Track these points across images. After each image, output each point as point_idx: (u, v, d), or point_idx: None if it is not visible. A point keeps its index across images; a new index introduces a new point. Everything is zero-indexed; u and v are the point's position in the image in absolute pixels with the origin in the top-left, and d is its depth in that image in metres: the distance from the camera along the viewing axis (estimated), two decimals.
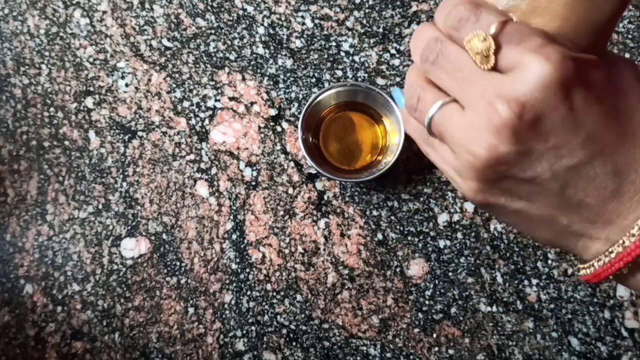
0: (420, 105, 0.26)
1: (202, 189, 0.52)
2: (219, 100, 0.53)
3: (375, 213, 0.51)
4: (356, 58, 0.52)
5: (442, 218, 0.50)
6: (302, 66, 0.53)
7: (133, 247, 0.52)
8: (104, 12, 0.55)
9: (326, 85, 0.52)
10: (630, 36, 0.51)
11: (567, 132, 0.22)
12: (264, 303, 0.50)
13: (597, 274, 0.24)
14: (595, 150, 0.22)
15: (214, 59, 0.53)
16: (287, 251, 0.51)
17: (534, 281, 0.49)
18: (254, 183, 0.52)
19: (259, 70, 0.53)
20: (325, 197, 0.51)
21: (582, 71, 0.22)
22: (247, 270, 0.51)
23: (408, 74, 0.27)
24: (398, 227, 0.50)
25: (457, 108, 0.24)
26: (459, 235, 0.50)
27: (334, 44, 0.53)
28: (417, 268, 0.50)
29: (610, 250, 0.23)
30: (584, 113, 0.22)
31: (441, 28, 0.25)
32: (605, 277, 0.24)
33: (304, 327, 0.50)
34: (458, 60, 0.24)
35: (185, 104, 0.53)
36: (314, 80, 0.52)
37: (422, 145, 0.29)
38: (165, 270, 0.51)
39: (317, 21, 0.53)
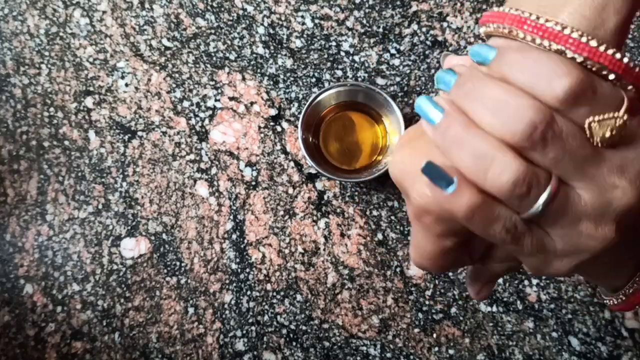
0: (533, 191, 0.21)
1: (202, 189, 0.52)
2: (219, 100, 0.53)
3: (375, 213, 0.51)
4: (356, 58, 0.52)
5: None
6: (302, 66, 0.53)
7: (133, 247, 0.52)
8: (104, 12, 0.55)
9: (326, 85, 0.52)
10: (630, 36, 0.51)
11: None
12: (264, 303, 0.50)
13: (631, 302, 0.26)
14: None
15: (214, 58, 0.53)
16: (287, 251, 0.51)
17: (534, 281, 0.49)
18: (254, 183, 0.52)
19: (259, 70, 0.53)
20: (325, 197, 0.51)
21: None
22: (247, 270, 0.51)
23: (497, 150, 0.20)
24: (398, 227, 0.50)
25: (571, 189, 0.21)
26: None
27: (334, 43, 0.53)
28: (417, 268, 0.50)
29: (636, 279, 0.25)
30: None
31: (547, 103, 0.20)
32: (637, 303, 0.25)
33: (304, 327, 0.50)
34: (578, 139, 0.20)
35: (185, 103, 0.53)
36: (314, 80, 0.52)
37: (511, 242, 0.22)
38: (165, 270, 0.51)
39: (317, 21, 0.53)
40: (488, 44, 0.22)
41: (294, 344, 0.50)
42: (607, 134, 0.20)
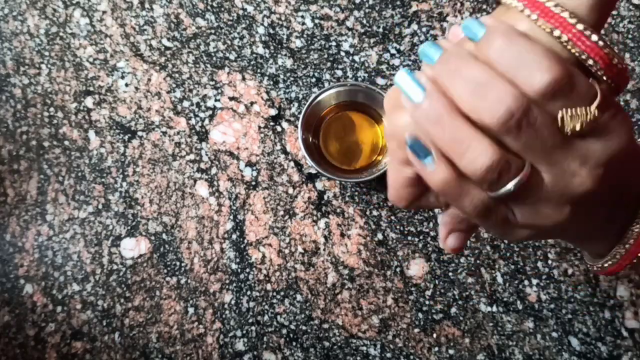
0: (504, 176, 0.22)
1: (202, 189, 0.52)
2: (219, 100, 0.53)
3: (375, 213, 0.51)
4: (356, 58, 0.52)
5: None
6: (302, 66, 0.53)
7: (133, 247, 0.52)
8: (104, 12, 0.55)
9: (326, 85, 0.52)
10: (630, 36, 0.51)
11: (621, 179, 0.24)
12: (264, 303, 0.50)
13: (620, 264, 0.27)
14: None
15: (214, 58, 0.53)
16: (287, 251, 0.51)
17: (534, 281, 0.49)
18: (254, 183, 0.52)
19: (259, 70, 0.53)
20: (325, 197, 0.51)
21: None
22: (247, 270, 0.51)
23: (474, 137, 0.22)
24: (398, 227, 0.50)
25: (537, 172, 0.23)
26: None
27: (334, 43, 0.53)
28: (417, 268, 0.50)
29: (624, 239, 0.26)
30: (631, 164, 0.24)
31: (528, 92, 0.21)
32: (625, 265, 0.27)
33: (304, 327, 0.50)
34: (549, 129, 0.22)
35: (185, 103, 0.53)
36: (314, 80, 0.52)
37: (477, 215, 0.24)
38: (165, 270, 0.51)
39: (317, 21, 0.53)
40: (480, 21, 0.23)
41: (294, 344, 0.50)
42: (577, 127, 0.21)
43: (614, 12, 0.51)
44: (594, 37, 0.22)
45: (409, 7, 0.53)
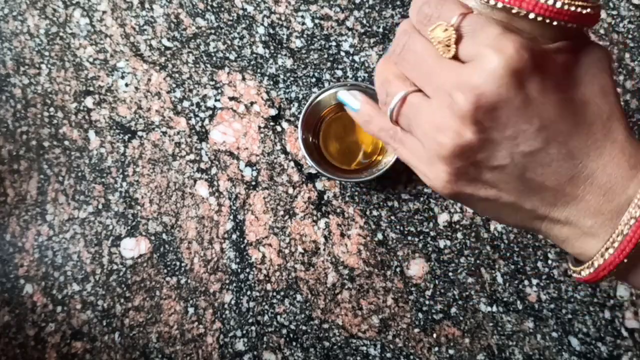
0: (388, 98, 0.27)
1: (202, 189, 0.52)
2: (219, 100, 0.53)
3: (375, 213, 0.51)
4: (356, 58, 0.52)
5: (442, 218, 0.50)
6: (302, 66, 0.53)
7: (133, 247, 0.52)
8: (104, 12, 0.55)
9: (326, 85, 0.52)
10: (630, 36, 0.51)
11: (522, 121, 0.23)
12: (264, 303, 0.50)
13: (597, 273, 0.25)
14: (550, 137, 0.24)
15: (214, 58, 0.53)
16: (287, 251, 0.51)
17: (534, 281, 0.49)
18: (254, 183, 0.52)
19: (259, 70, 0.53)
20: (325, 197, 0.51)
21: (537, 62, 0.23)
22: (247, 270, 0.51)
23: (377, 67, 0.28)
24: (398, 227, 0.50)
25: (423, 98, 0.25)
26: (459, 235, 0.50)
27: (334, 43, 0.53)
28: (417, 268, 0.50)
29: (605, 247, 0.24)
30: (538, 102, 0.23)
31: (413, 23, 0.26)
32: (604, 275, 0.25)
33: (304, 327, 0.50)
34: (423, 51, 0.25)
35: (185, 103, 0.53)
36: (314, 80, 0.52)
37: (390, 142, 0.29)
38: (165, 270, 0.51)
39: (317, 21, 0.53)
40: None
41: (294, 344, 0.50)
42: (439, 41, 0.24)
43: (614, 12, 0.51)
44: None
45: (409, 7, 0.52)
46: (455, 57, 0.24)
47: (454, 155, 0.24)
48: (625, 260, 0.23)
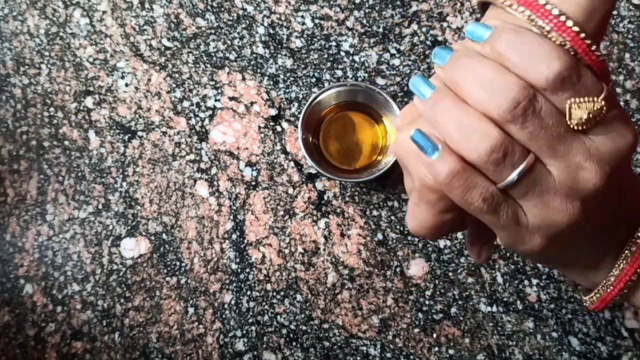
0: (509, 160, 0.22)
1: (202, 189, 0.52)
2: (219, 100, 0.53)
3: (375, 213, 0.51)
4: (356, 58, 0.52)
5: None
6: (302, 66, 0.53)
7: (133, 247, 0.52)
8: (104, 12, 0.55)
9: (326, 85, 0.52)
10: (630, 36, 0.51)
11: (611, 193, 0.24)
12: (264, 303, 0.50)
13: (604, 299, 0.28)
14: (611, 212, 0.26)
15: (214, 58, 0.53)
16: (287, 251, 0.51)
17: (534, 281, 0.49)
18: (254, 183, 0.52)
19: (259, 70, 0.53)
20: (325, 197, 0.51)
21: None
22: (247, 270, 0.51)
23: (480, 121, 0.22)
24: (398, 227, 0.50)
25: (543, 165, 0.23)
26: (459, 235, 0.50)
27: (334, 43, 0.53)
28: (417, 268, 0.50)
29: (609, 276, 0.27)
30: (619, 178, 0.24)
31: (535, 83, 0.22)
32: (610, 300, 0.27)
33: (304, 327, 0.50)
34: (555, 119, 0.22)
35: (185, 103, 0.53)
36: (314, 80, 0.52)
37: (487, 211, 0.24)
38: (165, 270, 0.51)
39: (317, 21, 0.53)
40: (485, 23, 0.23)
41: (294, 344, 0.50)
42: (584, 116, 0.22)
43: (614, 12, 0.51)
44: (574, 27, 0.22)
45: (409, 7, 0.53)
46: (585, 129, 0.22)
47: (569, 227, 0.24)
48: (630, 283, 0.27)
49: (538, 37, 0.22)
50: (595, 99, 0.21)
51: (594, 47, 0.22)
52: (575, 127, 0.22)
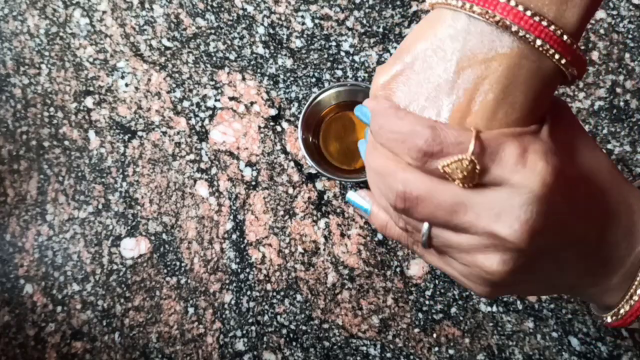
0: (412, 234, 0.25)
1: (202, 189, 0.52)
2: (219, 100, 0.53)
3: None
4: (356, 58, 0.52)
5: None
6: (302, 66, 0.53)
7: (133, 247, 0.52)
8: (104, 12, 0.55)
9: (326, 85, 0.52)
10: (630, 36, 0.51)
11: (569, 224, 0.23)
12: (264, 303, 0.50)
13: (624, 320, 0.27)
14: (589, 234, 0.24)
15: (214, 58, 0.53)
16: (287, 251, 0.51)
17: None
18: (254, 183, 0.52)
19: (259, 70, 0.53)
20: (325, 197, 0.51)
21: (561, 166, 0.22)
22: (247, 270, 0.51)
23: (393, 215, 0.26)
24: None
25: (453, 233, 0.23)
26: None
27: (334, 43, 0.53)
28: (417, 268, 0.50)
29: (630, 294, 0.26)
30: (570, 209, 0.23)
31: (405, 159, 0.23)
32: (631, 321, 0.27)
33: (304, 327, 0.50)
34: (440, 190, 0.22)
35: (185, 103, 0.53)
36: (314, 80, 0.52)
37: (415, 250, 0.27)
38: (165, 270, 0.51)
39: (317, 21, 0.53)
40: (364, 105, 0.26)
41: (294, 344, 0.50)
42: (460, 175, 0.21)
43: (614, 12, 0.51)
44: (543, 22, 0.21)
45: (409, 7, 0.53)
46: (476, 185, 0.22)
47: (502, 279, 0.23)
48: None
49: (395, 121, 0.23)
50: (462, 156, 0.21)
51: (552, 27, 0.21)
52: (465, 187, 0.22)
